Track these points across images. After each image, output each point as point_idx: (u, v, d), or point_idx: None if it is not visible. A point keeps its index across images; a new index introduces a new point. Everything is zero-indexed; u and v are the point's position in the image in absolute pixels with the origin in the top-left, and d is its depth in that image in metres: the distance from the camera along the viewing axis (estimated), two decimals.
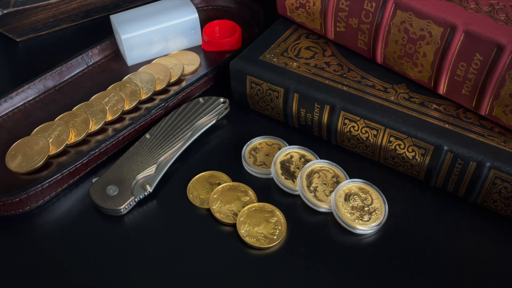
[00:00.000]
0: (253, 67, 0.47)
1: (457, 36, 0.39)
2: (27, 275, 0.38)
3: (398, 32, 0.42)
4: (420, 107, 0.43)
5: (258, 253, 0.39)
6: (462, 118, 0.42)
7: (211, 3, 0.62)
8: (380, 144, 0.43)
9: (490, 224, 0.41)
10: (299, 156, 0.45)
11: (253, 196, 0.43)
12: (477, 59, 0.39)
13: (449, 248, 0.39)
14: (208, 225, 0.41)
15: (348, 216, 0.40)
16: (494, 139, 0.40)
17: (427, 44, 0.41)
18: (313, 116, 0.45)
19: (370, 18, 0.44)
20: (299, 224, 0.41)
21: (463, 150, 0.39)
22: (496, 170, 0.38)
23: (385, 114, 0.42)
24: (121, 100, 0.49)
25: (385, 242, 0.40)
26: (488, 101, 0.40)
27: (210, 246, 0.40)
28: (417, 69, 0.43)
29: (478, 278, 0.38)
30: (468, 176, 0.40)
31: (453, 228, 0.41)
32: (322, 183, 0.43)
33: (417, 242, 0.40)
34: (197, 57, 0.55)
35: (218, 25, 0.57)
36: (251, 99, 0.49)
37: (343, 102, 0.43)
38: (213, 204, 0.42)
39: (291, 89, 0.45)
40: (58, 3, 0.59)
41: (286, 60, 0.47)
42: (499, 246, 0.39)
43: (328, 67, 0.47)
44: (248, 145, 0.46)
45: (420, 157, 0.41)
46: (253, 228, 0.40)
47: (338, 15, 0.46)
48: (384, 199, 0.41)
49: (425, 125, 0.41)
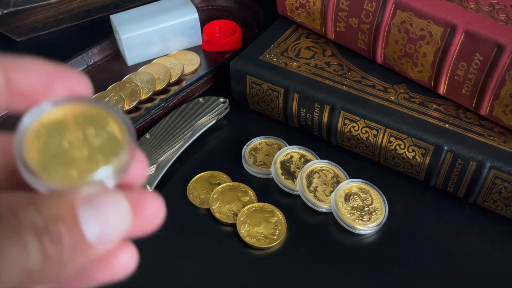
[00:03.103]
0: (253, 67, 0.47)
1: (457, 36, 0.39)
2: None
3: (398, 32, 0.42)
4: (420, 107, 0.43)
5: (258, 253, 0.39)
6: (462, 118, 0.42)
7: (211, 3, 0.62)
8: (380, 144, 0.43)
9: (490, 224, 0.41)
10: (299, 156, 0.45)
11: (253, 196, 0.43)
12: (477, 59, 0.39)
13: (449, 248, 0.39)
14: (208, 225, 0.41)
15: (348, 216, 0.40)
16: (494, 139, 0.40)
17: (427, 44, 0.41)
18: (313, 116, 0.45)
19: (370, 18, 0.44)
20: (299, 224, 0.41)
21: (463, 150, 0.39)
22: (496, 170, 0.38)
23: (385, 114, 0.42)
24: (121, 100, 0.49)
25: (385, 242, 0.40)
26: (488, 101, 0.40)
27: (210, 246, 0.40)
28: (417, 69, 0.43)
29: (478, 278, 0.38)
30: (468, 176, 0.40)
31: (453, 228, 0.41)
32: (322, 183, 0.42)
33: (417, 242, 0.40)
34: (197, 57, 0.55)
35: (218, 25, 0.57)
36: (251, 99, 0.49)
37: (343, 102, 0.43)
38: (213, 204, 0.42)
39: (291, 89, 0.45)
40: (58, 3, 0.59)
41: (286, 60, 0.47)
42: (499, 246, 0.39)
43: (328, 67, 0.47)
44: (248, 145, 0.46)
45: (420, 157, 0.41)
46: (253, 228, 0.40)
47: (338, 15, 0.46)
48: (384, 199, 0.41)
49: (425, 125, 0.41)
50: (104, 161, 0.19)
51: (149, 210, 0.19)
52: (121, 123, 0.20)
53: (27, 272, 0.16)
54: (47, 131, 0.20)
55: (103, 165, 0.19)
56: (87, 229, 0.17)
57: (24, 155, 0.19)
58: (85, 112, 0.20)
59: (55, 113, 0.20)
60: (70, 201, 0.17)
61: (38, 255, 0.16)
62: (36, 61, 0.20)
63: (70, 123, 0.20)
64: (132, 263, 0.20)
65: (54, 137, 0.20)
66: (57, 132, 0.20)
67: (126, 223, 0.18)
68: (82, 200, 0.17)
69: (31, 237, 0.16)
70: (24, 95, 0.19)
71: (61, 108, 0.20)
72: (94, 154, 0.19)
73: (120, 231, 0.18)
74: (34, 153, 0.19)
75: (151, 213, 0.20)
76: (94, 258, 0.18)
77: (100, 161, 0.19)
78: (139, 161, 0.21)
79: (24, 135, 0.19)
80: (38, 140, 0.19)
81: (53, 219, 0.16)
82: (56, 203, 0.17)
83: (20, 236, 0.16)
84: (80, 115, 0.20)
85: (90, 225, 0.17)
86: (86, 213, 0.17)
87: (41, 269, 0.16)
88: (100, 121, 0.20)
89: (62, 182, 0.19)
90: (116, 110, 0.21)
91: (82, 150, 0.19)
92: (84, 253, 0.17)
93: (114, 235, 0.18)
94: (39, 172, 0.19)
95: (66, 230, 0.17)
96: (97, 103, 0.21)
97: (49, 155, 0.19)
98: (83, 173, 0.19)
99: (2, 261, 0.15)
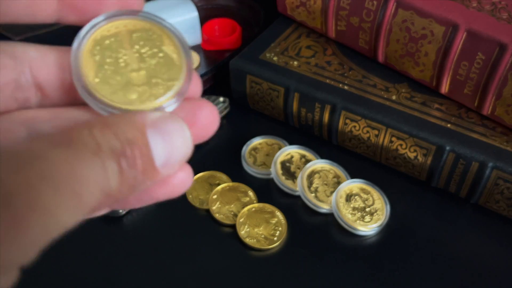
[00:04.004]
0: (253, 66, 0.46)
1: (459, 35, 0.39)
2: (22, 276, 0.38)
3: (400, 31, 0.42)
4: (421, 107, 0.42)
5: (258, 255, 0.39)
6: (464, 118, 0.41)
7: (211, 2, 0.62)
8: (382, 144, 0.43)
9: (492, 224, 0.40)
10: (299, 156, 0.44)
11: (253, 196, 0.42)
12: (479, 58, 0.39)
13: (451, 249, 0.39)
14: (207, 226, 0.41)
15: (349, 217, 0.40)
16: (497, 139, 0.39)
17: (428, 43, 0.41)
18: (313, 116, 0.45)
19: (371, 17, 0.43)
20: (299, 225, 0.41)
21: (465, 150, 0.39)
22: (499, 171, 0.38)
23: (386, 113, 0.42)
24: None
25: (386, 243, 0.39)
26: (490, 100, 0.39)
27: (209, 247, 0.39)
28: (419, 68, 0.43)
29: (480, 279, 0.37)
30: (470, 176, 0.40)
31: (455, 229, 0.40)
32: (323, 184, 0.42)
33: (418, 243, 0.39)
34: (196, 56, 0.54)
35: (218, 23, 0.57)
36: (251, 99, 0.48)
37: (344, 101, 0.43)
38: (212, 205, 0.41)
39: (291, 89, 0.45)
40: None
41: (286, 59, 0.47)
42: (501, 247, 0.39)
43: (329, 66, 0.46)
44: (248, 145, 0.45)
45: (421, 157, 0.41)
46: (253, 229, 0.40)
47: (339, 14, 0.45)
48: (385, 200, 0.41)
49: (427, 125, 0.41)
50: (164, 86, 0.19)
51: (204, 120, 0.21)
52: (176, 41, 0.20)
53: (106, 193, 0.16)
54: (102, 49, 0.19)
55: (163, 90, 0.19)
56: (156, 154, 0.17)
57: (83, 76, 0.19)
58: (139, 27, 0.20)
59: (109, 28, 0.20)
60: (141, 125, 0.17)
61: (116, 177, 0.16)
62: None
63: (124, 40, 0.20)
64: (188, 180, 0.20)
65: (110, 55, 0.19)
66: (113, 50, 0.19)
67: (188, 149, 0.19)
68: (150, 125, 0.18)
69: (110, 160, 0.16)
70: (76, 7, 0.19)
71: (114, 23, 0.20)
72: (152, 77, 0.19)
73: (183, 156, 0.19)
74: (91, 73, 0.19)
75: (206, 123, 0.21)
76: (158, 181, 0.18)
77: (160, 84, 0.19)
78: (194, 78, 0.21)
79: (80, 54, 0.19)
80: (93, 59, 0.19)
81: (128, 142, 0.17)
82: (129, 126, 0.17)
83: (101, 159, 0.16)
84: (134, 30, 0.20)
85: (158, 150, 0.18)
86: (154, 138, 0.18)
87: (117, 190, 0.17)
88: (155, 39, 0.20)
89: (123, 104, 0.19)
90: (170, 26, 0.20)
91: (140, 72, 0.19)
92: (152, 177, 0.18)
93: (178, 160, 0.18)
94: (98, 94, 0.19)
95: (139, 154, 0.17)
96: (151, 17, 0.20)
97: (107, 75, 0.19)
98: (143, 97, 0.19)
99: (85, 183, 0.15)
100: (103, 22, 0.20)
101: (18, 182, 0.14)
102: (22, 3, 0.19)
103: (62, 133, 0.16)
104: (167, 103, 0.19)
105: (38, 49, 0.20)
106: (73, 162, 0.15)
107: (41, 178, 0.14)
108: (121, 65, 0.19)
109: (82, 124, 0.17)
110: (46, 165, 0.15)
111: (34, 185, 0.14)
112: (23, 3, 0.19)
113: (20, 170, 0.14)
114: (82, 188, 0.15)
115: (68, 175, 0.15)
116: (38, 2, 0.19)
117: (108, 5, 0.20)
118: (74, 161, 0.15)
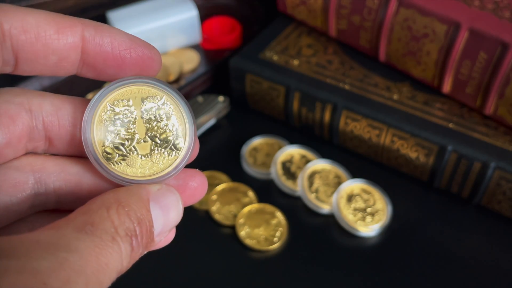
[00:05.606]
0: (253, 65, 0.46)
1: (461, 34, 0.38)
2: None
3: (401, 29, 0.42)
4: (423, 106, 0.42)
5: (258, 256, 0.39)
6: (466, 117, 0.41)
7: (210, 0, 0.61)
8: (383, 144, 0.42)
9: (495, 225, 0.40)
10: (300, 156, 0.44)
11: (253, 197, 0.42)
12: (481, 57, 0.38)
13: (453, 250, 0.39)
14: (207, 227, 0.40)
15: (350, 217, 0.40)
16: (499, 139, 0.39)
17: (430, 42, 0.40)
18: (314, 115, 0.45)
19: (372, 16, 0.43)
20: (300, 226, 0.40)
21: (468, 150, 0.39)
22: (501, 171, 0.38)
23: (388, 113, 0.41)
24: None
25: (388, 244, 0.39)
26: (492, 100, 0.39)
27: (209, 248, 0.39)
28: (421, 68, 0.42)
29: (483, 280, 0.37)
30: (472, 176, 0.39)
31: (457, 229, 0.40)
32: (323, 184, 0.42)
33: (420, 243, 0.39)
34: (196, 55, 0.54)
35: (218, 22, 0.57)
36: (251, 98, 0.48)
37: (345, 101, 0.43)
38: (212, 205, 0.41)
39: (292, 88, 0.44)
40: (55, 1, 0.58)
41: (286, 58, 0.46)
42: (504, 248, 0.39)
43: (330, 65, 0.46)
44: (248, 145, 0.45)
45: (423, 157, 0.41)
46: (253, 230, 0.40)
47: (340, 13, 0.45)
48: (387, 200, 0.41)
49: (428, 124, 0.40)
50: (166, 159, 0.21)
51: (195, 190, 0.22)
52: (183, 113, 0.22)
53: (118, 273, 0.18)
54: (112, 116, 0.21)
55: (168, 162, 0.21)
56: (155, 227, 0.19)
57: (93, 144, 0.20)
58: (151, 94, 0.21)
59: (121, 95, 0.21)
60: (146, 202, 0.19)
61: (128, 257, 0.18)
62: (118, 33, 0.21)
63: (135, 107, 0.21)
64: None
65: (120, 124, 0.21)
66: (122, 119, 0.21)
67: (179, 218, 0.21)
68: (152, 198, 0.19)
69: (125, 242, 0.18)
70: (96, 69, 0.21)
71: (127, 88, 0.21)
72: (159, 148, 0.21)
73: (174, 224, 0.20)
74: (100, 141, 0.20)
75: (196, 192, 0.23)
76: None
77: (163, 157, 0.21)
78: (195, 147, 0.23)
79: (90, 121, 0.20)
80: (103, 127, 0.21)
81: (138, 221, 0.18)
82: (138, 204, 0.19)
83: (118, 244, 0.17)
84: (145, 98, 0.21)
85: (157, 223, 0.19)
86: (155, 212, 0.19)
87: (126, 267, 0.18)
88: (164, 108, 0.21)
89: (128, 174, 0.20)
90: (180, 95, 0.21)
91: (146, 143, 0.21)
92: (149, 247, 0.19)
93: (169, 229, 0.20)
94: (104, 163, 0.20)
95: (145, 231, 0.19)
96: (161, 85, 0.21)
97: (115, 144, 0.21)
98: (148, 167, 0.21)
99: (107, 272, 0.17)
100: (116, 88, 0.21)
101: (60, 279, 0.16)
102: (49, 64, 0.20)
103: (83, 217, 0.18)
104: (168, 175, 0.21)
105: (53, 102, 0.21)
106: (98, 253, 0.17)
107: (76, 274, 0.16)
108: (129, 135, 0.21)
109: (99, 202, 0.18)
110: (77, 259, 0.16)
111: (71, 281, 0.16)
112: (51, 64, 0.20)
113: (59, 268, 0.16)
114: (105, 277, 0.17)
115: (95, 267, 0.17)
116: (64, 65, 0.20)
117: (126, 71, 0.21)
118: (99, 251, 0.17)
